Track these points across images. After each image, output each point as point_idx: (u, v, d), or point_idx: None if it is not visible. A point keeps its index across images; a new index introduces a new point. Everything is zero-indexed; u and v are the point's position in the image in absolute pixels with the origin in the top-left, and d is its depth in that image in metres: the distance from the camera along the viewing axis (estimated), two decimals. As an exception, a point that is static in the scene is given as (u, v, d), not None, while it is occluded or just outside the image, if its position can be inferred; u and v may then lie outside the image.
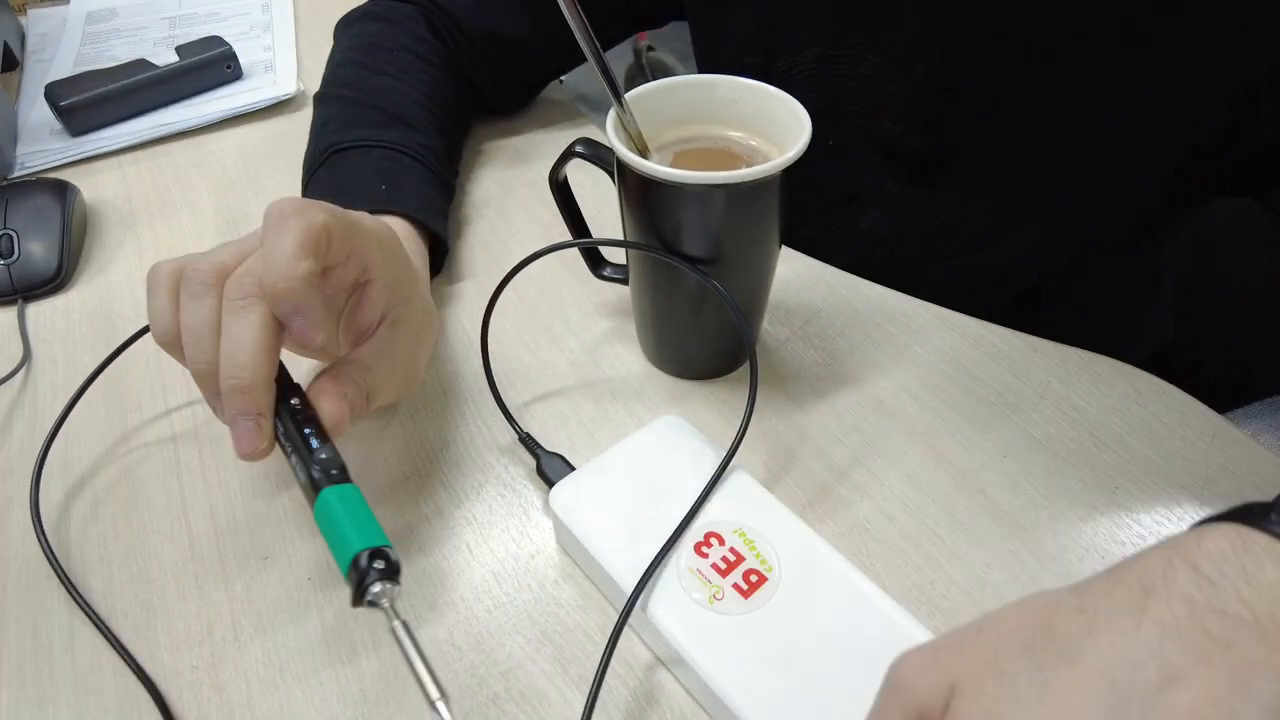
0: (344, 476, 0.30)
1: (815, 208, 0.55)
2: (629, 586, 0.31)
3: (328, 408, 0.32)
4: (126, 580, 0.35)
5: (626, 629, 0.32)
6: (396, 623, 0.27)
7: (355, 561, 0.27)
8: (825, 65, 0.50)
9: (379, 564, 0.27)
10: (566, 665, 0.31)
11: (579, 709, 0.30)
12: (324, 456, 0.30)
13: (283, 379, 0.33)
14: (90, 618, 0.33)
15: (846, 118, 0.51)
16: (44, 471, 0.38)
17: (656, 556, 0.31)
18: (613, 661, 0.32)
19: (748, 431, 0.34)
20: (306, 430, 0.31)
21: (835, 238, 0.54)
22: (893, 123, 0.50)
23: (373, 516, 0.29)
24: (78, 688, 0.31)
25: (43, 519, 0.37)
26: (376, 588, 0.27)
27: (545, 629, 0.33)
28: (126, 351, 0.44)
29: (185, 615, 0.33)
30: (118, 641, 0.32)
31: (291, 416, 0.31)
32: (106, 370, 0.42)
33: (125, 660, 0.32)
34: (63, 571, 0.35)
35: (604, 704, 0.30)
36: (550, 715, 0.30)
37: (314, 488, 0.29)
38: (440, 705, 0.25)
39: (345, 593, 0.33)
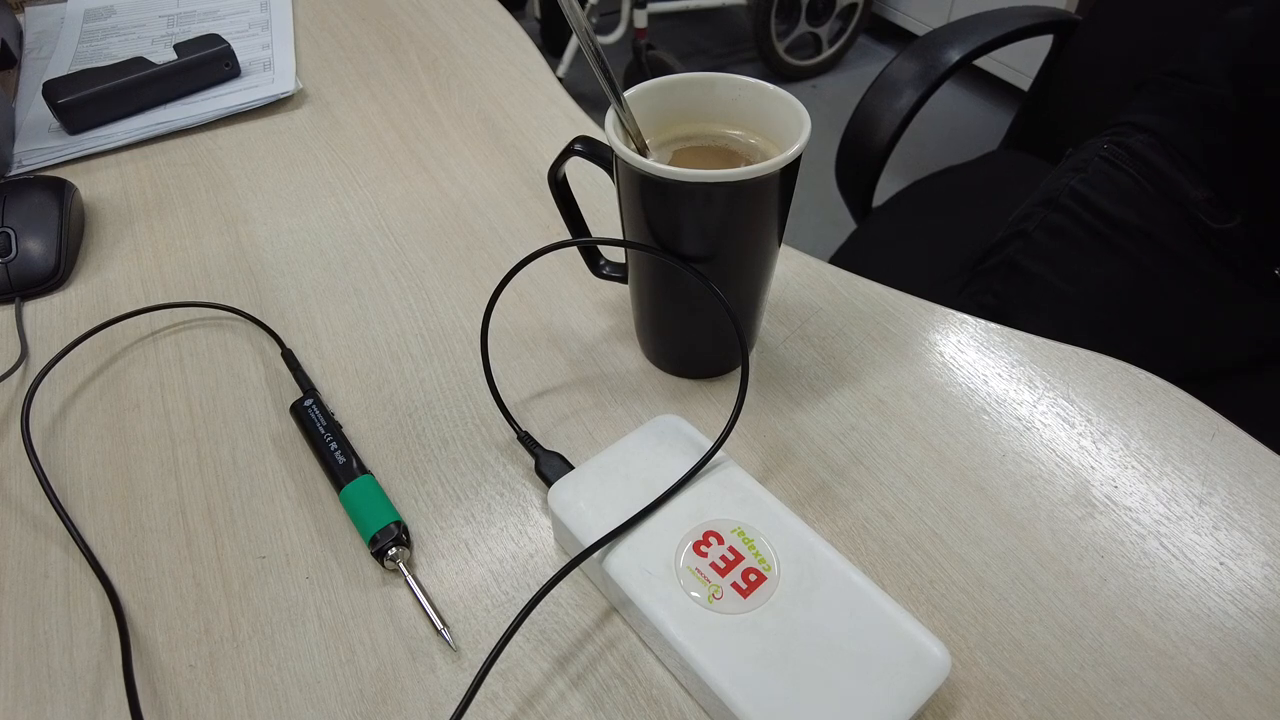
0: (367, 469, 0.38)
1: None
2: (628, 586, 0.31)
3: None
4: (123, 579, 0.35)
5: (625, 627, 0.33)
6: (408, 575, 0.34)
7: (385, 529, 0.34)
8: None
9: (403, 535, 0.35)
10: (565, 665, 0.31)
11: (579, 708, 0.30)
12: (356, 452, 0.38)
13: (311, 387, 0.41)
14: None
15: None
16: (44, 471, 0.38)
17: (626, 523, 0.32)
18: (612, 661, 0.32)
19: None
20: (343, 431, 0.40)
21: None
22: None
23: (389, 500, 0.36)
24: (75, 686, 0.31)
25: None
26: (393, 550, 0.34)
27: (544, 628, 0.33)
28: (125, 351, 0.44)
29: (183, 614, 0.33)
30: (122, 639, 0.32)
31: (328, 415, 0.40)
32: (105, 370, 0.42)
33: (123, 658, 0.31)
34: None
35: (604, 704, 0.30)
36: (549, 715, 0.30)
37: (351, 475, 0.37)
38: (445, 633, 0.32)
39: (344, 592, 0.34)
